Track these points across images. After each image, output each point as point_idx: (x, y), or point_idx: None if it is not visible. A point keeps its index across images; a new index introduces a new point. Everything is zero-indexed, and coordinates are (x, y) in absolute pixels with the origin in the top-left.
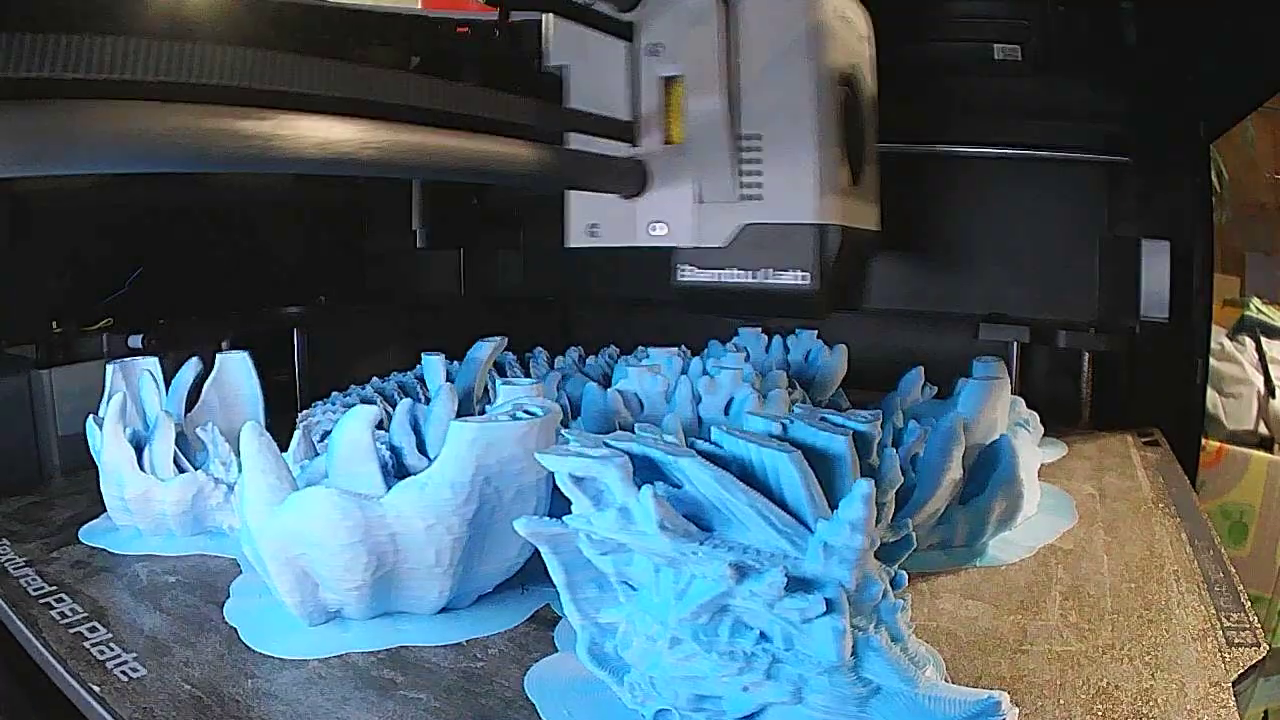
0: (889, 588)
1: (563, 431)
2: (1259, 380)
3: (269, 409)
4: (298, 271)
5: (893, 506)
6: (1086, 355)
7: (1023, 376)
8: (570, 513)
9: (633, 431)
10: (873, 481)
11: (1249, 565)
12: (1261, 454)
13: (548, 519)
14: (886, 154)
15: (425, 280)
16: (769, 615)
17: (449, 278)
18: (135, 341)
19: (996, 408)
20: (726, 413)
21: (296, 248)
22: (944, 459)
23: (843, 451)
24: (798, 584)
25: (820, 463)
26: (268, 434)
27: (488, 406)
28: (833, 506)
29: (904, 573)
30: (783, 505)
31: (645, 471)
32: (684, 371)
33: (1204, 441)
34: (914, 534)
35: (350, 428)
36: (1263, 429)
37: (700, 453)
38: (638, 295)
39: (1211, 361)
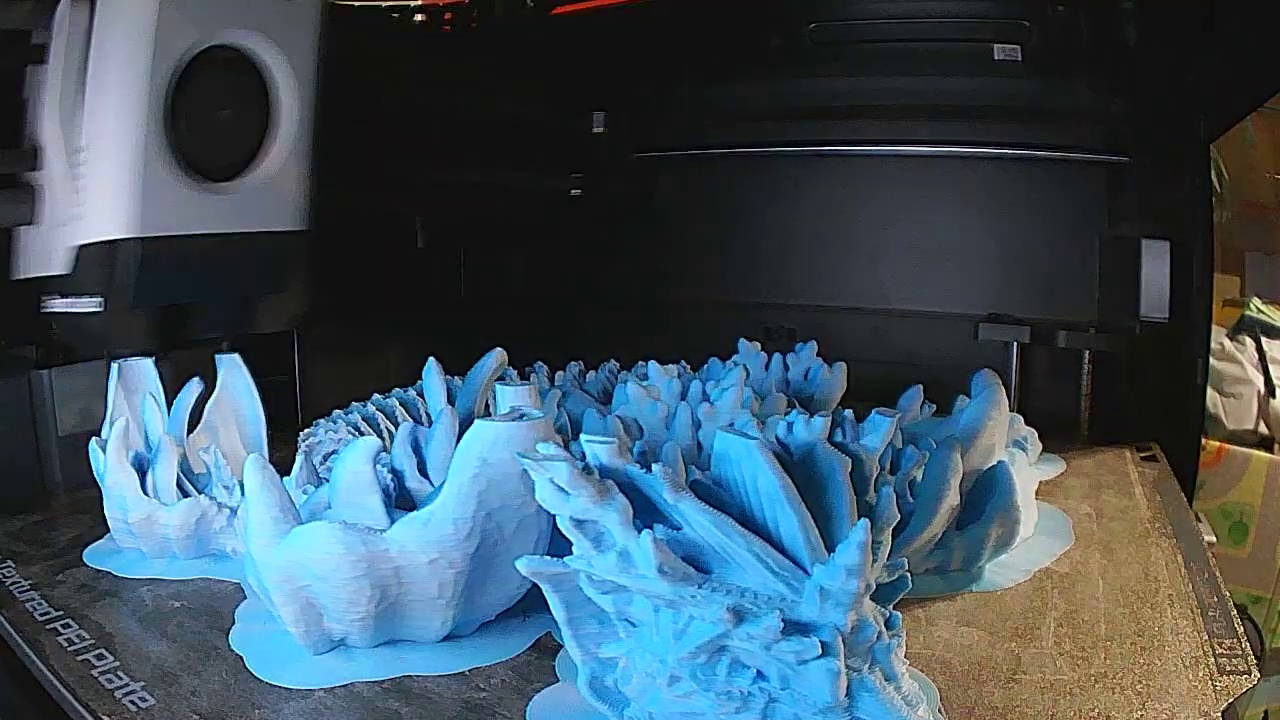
0: (883, 629)
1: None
2: (1259, 380)
3: (268, 411)
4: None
5: (889, 545)
6: (1086, 355)
7: (1022, 376)
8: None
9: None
10: (869, 525)
11: (1249, 565)
12: (1261, 454)
13: (549, 559)
14: (886, 156)
15: (425, 280)
16: (766, 656)
17: (449, 278)
18: None
19: (995, 434)
20: None
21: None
22: (941, 487)
23: (837, 467)
24: (794, 627)
25: (815, 472)
26: (271, 467)
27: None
28: (827, 518)
29: (898, 614)
30: (779, 544)
31: (645, 514)
32: (683, 395)
33: (1204, 441)
34: (910, 559)
35: (352, 460)
36: (1263, 429)
37: (695, 486)
38: (639, 297)
39: (1211, 361)
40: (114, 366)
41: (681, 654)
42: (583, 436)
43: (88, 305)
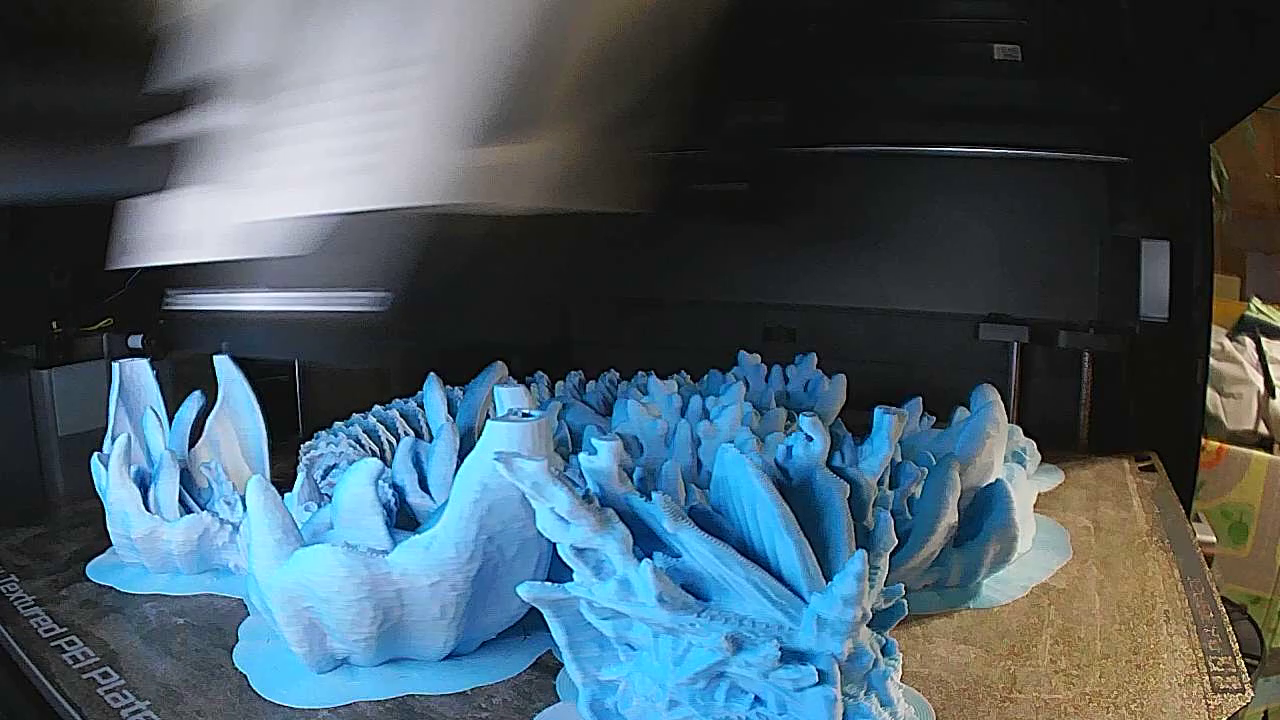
0: (880, 656)
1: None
2: (1259, 380)
3: (269, 411)
4: None
5: (886, 570)
6: (1086, 356)
7: (1021, 377)
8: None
9: (631, 476)
10: (866, 556)
11: (1249, 565)
12: (1261, 454)
13: (550, 584)
14: (886, 156)
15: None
16: (764, 683)
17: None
18: (135, 341)
19: (993, 451)
20: None
21: None
22: (939, 505)
23: (835, 493)
24: (791, 655)
25: (813, 498)
26: (273, 488)
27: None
28: (824, 545)
29: (894, 641)
30: (777, 572)
31: (645, 539)
32: (683, 410)
33: (1204, 442)
34: (907, 576)
35: (354, 482)
36: (1263, 429)
37: (695, 513)
38: (640, 297)
39: (1211, 361)
40: (114, 380)
41: (681, 679)
42: (582, 457)
43: None
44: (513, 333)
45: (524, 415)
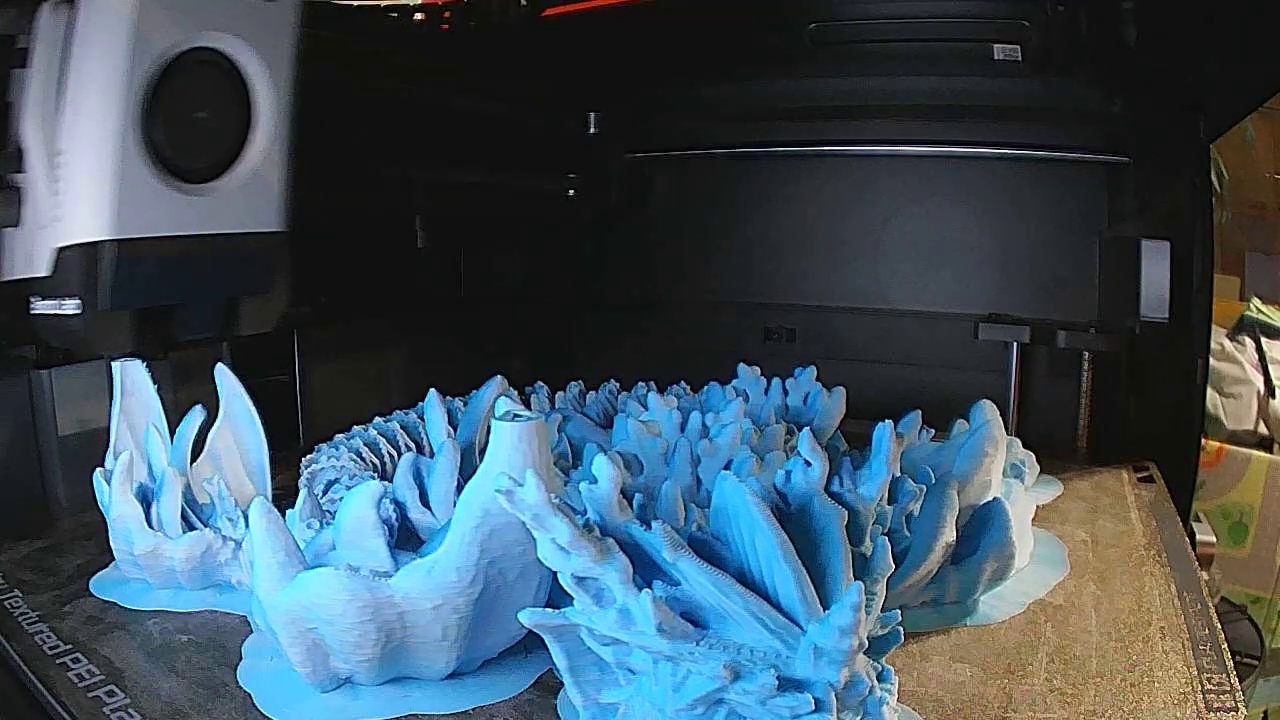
0: (875, 683)
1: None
2: (1259, 380)
3: (269, 412)
4: (297, 271)
5: (883, 596)
6: (1086, 356)
7: (1021, 377)
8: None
9: (630, 498)
10: (863, 587)
11: (1249, 565)
12: (1261, 454)
13: (551, 611)
14: (885, 156)
15: (425, 280)
16: (761, 710)
17: (449, 278)
18: None
19: (992, 470)
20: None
21: (296, 247)
22: (938, 524)
23: (833, 521)
24: (789, 683)
25: (811, 525)
26: (275, 510)
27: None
28: (822, 574)
29: (890, 667)
30: (775, 600)
31: (645, 567)
32: (683, 426)
33: (1204, 441)
34: (905, 593)
35: (355, 505)
36: (1263, 429)
37: (694, 542)
38: (639, 298)
39: (1211, 361)
40: (115, 385)
41: (680, 705)
42: (583, 486)
43: (67, 307)
44: None
45: (515, 415)
